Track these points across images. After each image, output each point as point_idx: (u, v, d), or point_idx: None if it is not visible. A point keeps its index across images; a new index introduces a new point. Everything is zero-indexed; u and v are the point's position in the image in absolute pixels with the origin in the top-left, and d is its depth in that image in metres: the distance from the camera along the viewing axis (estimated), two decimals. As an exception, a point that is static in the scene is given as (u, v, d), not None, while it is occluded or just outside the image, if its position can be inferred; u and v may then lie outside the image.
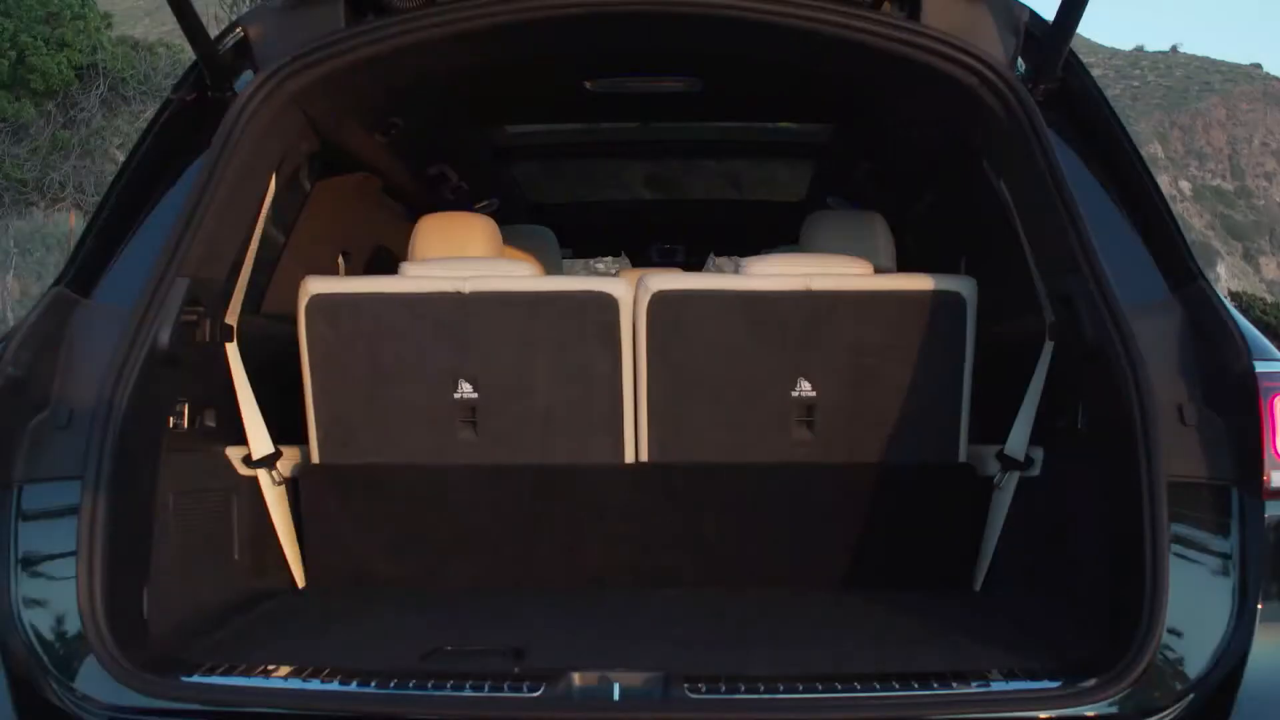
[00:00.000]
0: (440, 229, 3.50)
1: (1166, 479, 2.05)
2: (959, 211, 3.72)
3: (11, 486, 2.18)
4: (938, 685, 1.99)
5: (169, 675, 2.06)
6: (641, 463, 2.96)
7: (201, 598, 2.53)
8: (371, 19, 2.64)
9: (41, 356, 2.26)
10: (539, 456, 2.93)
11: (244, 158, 2.56)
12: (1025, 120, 2.46)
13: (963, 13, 2.59)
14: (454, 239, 3.47)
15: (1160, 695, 2.02)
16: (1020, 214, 2.62)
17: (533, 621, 2.52)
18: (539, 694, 1.97)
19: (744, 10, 2.56)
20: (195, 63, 2.62)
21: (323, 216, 3.60)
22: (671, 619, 2.53)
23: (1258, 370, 2.12)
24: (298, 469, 2.98)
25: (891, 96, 3.22)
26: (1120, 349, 2.16)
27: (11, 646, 2.11)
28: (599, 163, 5.03)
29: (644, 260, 6.06)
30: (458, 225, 3.56)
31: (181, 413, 2.57)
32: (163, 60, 19.20)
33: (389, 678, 2.03)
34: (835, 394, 2.90)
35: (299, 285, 2.94)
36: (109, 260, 2.47)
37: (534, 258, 4.35)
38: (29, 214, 19.79)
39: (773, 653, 2.25)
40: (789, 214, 5.35)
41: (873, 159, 4.13)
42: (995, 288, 3.38)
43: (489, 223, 3.62)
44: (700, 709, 1.96)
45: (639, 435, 2.93)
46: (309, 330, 2.92)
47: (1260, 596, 2.06)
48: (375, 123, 3.43)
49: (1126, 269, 2.30)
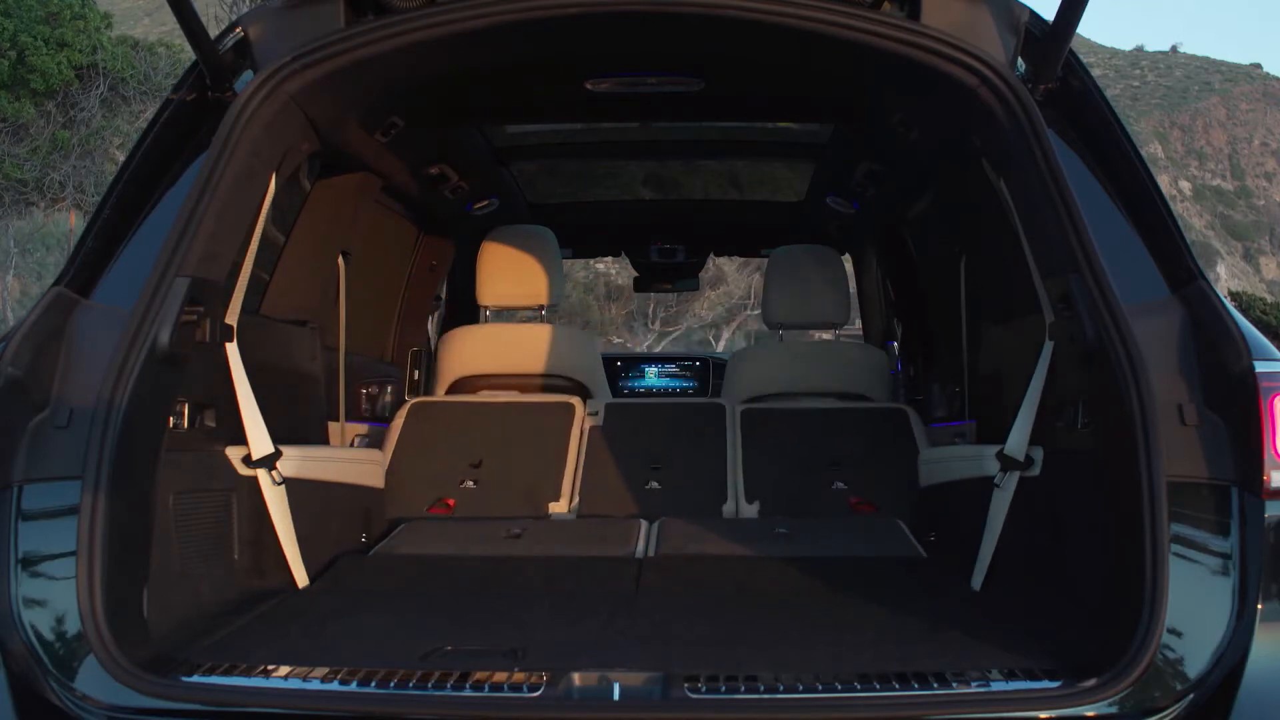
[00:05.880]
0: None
1: (1166, 479, 2.04)
2: (959, 211, 3.72)
3: (11, 486, 2.18)
4: (938, 685, 1.99)
5: (169, 675, 2.06)
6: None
7: (201, 598, 2.52)
8: (371, 19, 2.64)
9: (41, 356, 2.26)
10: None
11: (244, 158, 2.56)
12: (1025, 120, 2.46)
13: (963, 13, 2.59)
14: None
15: (1160, 695, 2.02)
16: (1020, 214, 2.62)
17: (533, 621, 2.52)
18: (539, 694, 1.97)
19: (744, 10, 2.56)
20: (195, 63, 2.62)
21: (323, 216, 3.60)
22: (672, 619, 2.53)
23: (1258, 370, 2.11)
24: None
25: (891, 96, 3.22)
26: (1120, 349, 2.16)
27: (11, 646, 2.11)
28: (599, 163, 5.03)
29: (644, 260, 6.06)
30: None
31: (181, 413, 2.57)
32: (163, 60, 19.17)
33: (389, 678, 2.03)
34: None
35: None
36: (109, 260, 2.47)
37: (534, 258, 4.36)
38: (29, 214, 19.80)
39: (773, 653, 2.25)
40: (789, 214, 5.36)
41: (873, 159, 4.13)
42: (995, 288, 3.38)
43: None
44: (700, 709, 1.96)
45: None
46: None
47: (1260, 596, 2.06)
48: (375, 123, 3.43)
49: (1126, 269, 2.30)
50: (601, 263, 27.35)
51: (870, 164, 4.17)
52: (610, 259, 6.70)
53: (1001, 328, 3.26)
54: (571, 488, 3.84)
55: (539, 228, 4.52)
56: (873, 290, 5.56)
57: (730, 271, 27.88)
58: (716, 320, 29.79)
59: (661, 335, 29.17)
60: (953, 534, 3.19)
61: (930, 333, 4.50)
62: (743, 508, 3.76)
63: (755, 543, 3.30)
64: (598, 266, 28.76)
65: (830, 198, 4.82)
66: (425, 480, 3.85)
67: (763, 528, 3.51)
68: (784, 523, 3.51)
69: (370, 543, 3.41)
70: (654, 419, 4.25)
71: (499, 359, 4.37)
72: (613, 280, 28.80)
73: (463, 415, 4.12)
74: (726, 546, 3.26)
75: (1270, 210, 74.62)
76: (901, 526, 3.51)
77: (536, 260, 4.35)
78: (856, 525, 3.60)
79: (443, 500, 3.79)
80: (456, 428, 4.03)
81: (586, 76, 3.34)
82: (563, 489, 3.82)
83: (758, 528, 3.54)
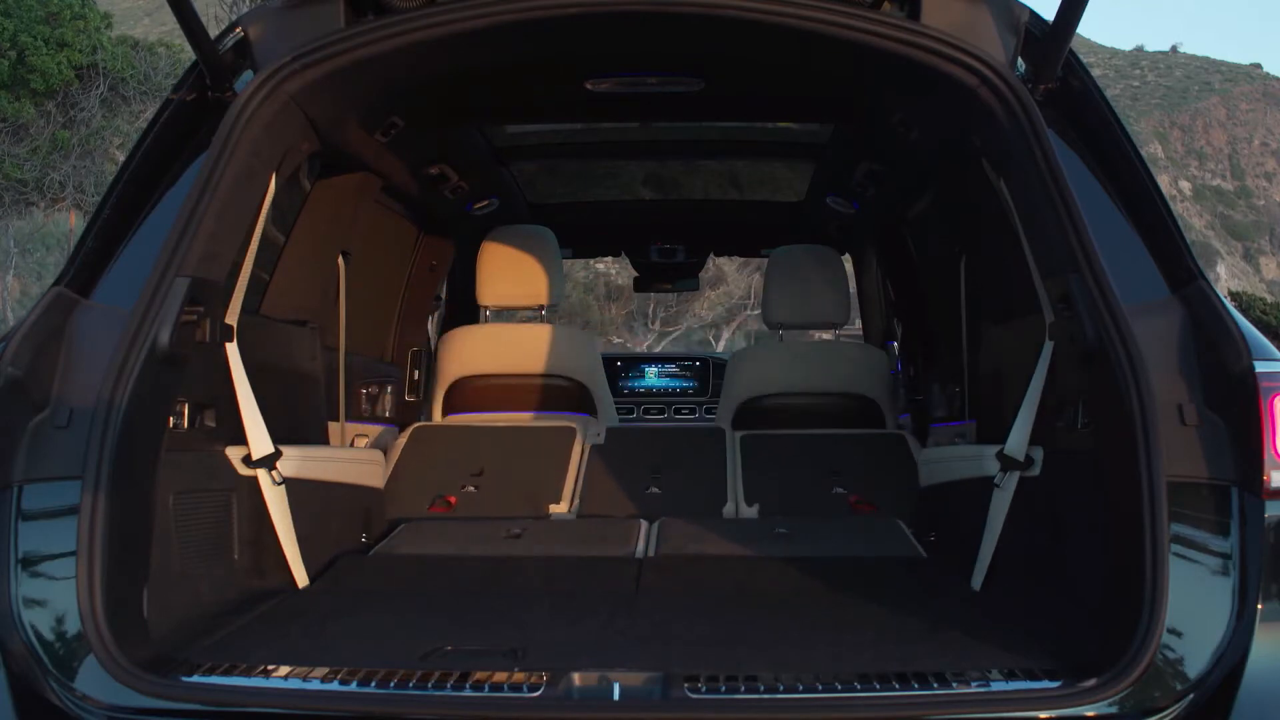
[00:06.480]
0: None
1: (1166, 479, 2.04)
2: (959, 211, 3.72)
3: (11, 486, 2.18)
4: (938, 685, 1.99)
5: (169, 675, 2.06)
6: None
7: (201, 598, 2.52)
8: (371, 19, 2.63)
9: (41, 356, 2.26)
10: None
11: (244, 158, 2.56)
12: (1025, 120, 2.46)
13: (963, 13, 2.59)
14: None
15: (1160, 695, 2.01)
16: (1020, 214, 2.61)
17: (533, 621, 2.52)
18: (539, 694, 1.97)
19: (744, 10, 2.56)
20: (195, 63, 2.62)
21: (323, 216, 3.60)
22: (672, 619, 2.53)
23: (1258, 370, 2.11)
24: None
25: (891, 96, 3.22)
26: (1120, 349, 2.16)
27: (11, 646, 2.11)
28: (599, 163, 5.03)
29: (644, 260, 6.07)
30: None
31: (181, 413, 2.57)
32: (163, 60, 19.17)
33: (389, 678, 2.03)
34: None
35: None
36: (109, 260, 2.47)
37: (534, 258, 4.35)
38: (29, 214, 19.79)
39: (773, 653, 2.25)
40: (789, 214, 5.36)
41: (873, 159, 4.13)
42: (995, 288, 3.38)
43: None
44: (700, 709, 1.96)
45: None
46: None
47: (1260, 596, 2.06)
48: (375, 123, 3.43)
49: (1126, 269, 2.30)
50: (601, 263, 27.35)
51: (870, 164, 4.17)
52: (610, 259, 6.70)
53: (1001, 328, 3.26)
54: (572, 492, 3.85)
55: (539, 228, 4.52)
56: (873, 290, 5.56)
57: (730, 271, 27.89)
58: (716, 320, 29.80)
59: (661, 335, 29.17)
60: (953, 534, 3.19)
61: (930, 333, 4.50)
62: (742, 509, 3.76)
63: (755, 543, 3.30)
64: (598, 266, 28.77)
65: (830, 198, 4.82)
66: (426, 486, 3.86)
67: (763, 528, 3.51)
68: (784, 523, 3.51)
69: (370, 543, 3.41)
70: (653, 443, 4.28)
71: (499, 359, 4.38)
72: (613, 280, 28.80)
73: (465, 438, 4.13)
74: (726, 546, 3.26)
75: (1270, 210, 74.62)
76: (901, 526, 3.51)
77: (536, 260, 4.35)
78: (856, 525, 3.61)
79: (444, 498, 3.80)
80: (458, 450, 4.03)
81: (586, 76, 3.34)
82: (564, 493, 3.82)
83: (758, 528, 3.55)
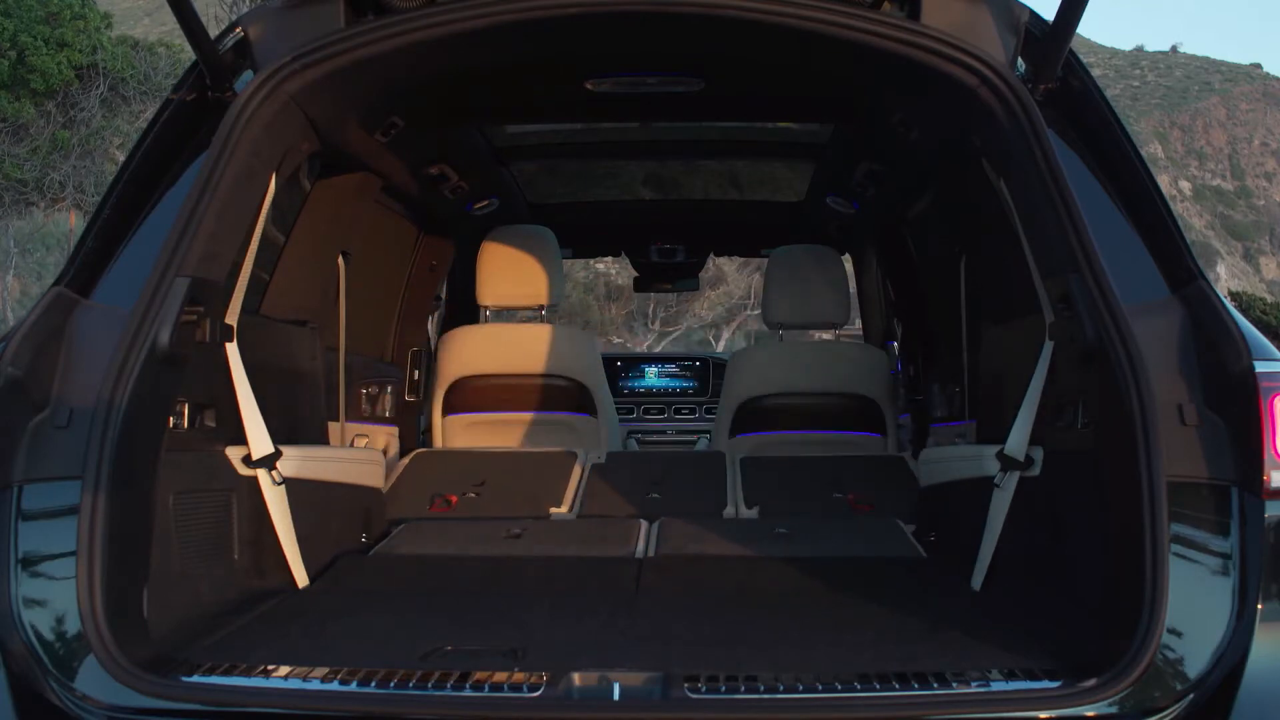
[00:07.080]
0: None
1: (1166, 479, 2.04)
2: (959, 211, 3.72)
3: (11, 486, 2.18)
4: (938, 685, 1.99)
5: (169, 675, 2.06)
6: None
7: (201, 598, 2.52)
8: (371, 19, 2.63)
9: (41, 356, 2.26)
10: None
11: (244, 158, 2.56)
12: (1025, 120, 2.46)
13: (963, 13, 2.59)
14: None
15: (1160, 695, 2.02)
16: (1020, 214, 2.61)
17: (533, 621, 2.52)
18: (539, 694, 1.97)
19: (744, 10, 2.56)
20: (195, 63, 2.62)
21: (323, 216, 3.60)
22: (672, 619, 2.53)
23: (1258, 370, 2.11)
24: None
25: (891, 96, 3.22)
26: (1120, 349, 2.16)
27: (11, 646, 2.11)
28: (599, 163, 5.03)
29: (644, 260, 6.07)
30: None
31: (181, 413, 2.57)
32: (163, 60, 19.17)
33: (389, 678, 2.03)
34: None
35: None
36: (109, 260, 2.47)
37: (534, 258, 4.35)
38: (29, 214, 19.79)
39: (773, 653, 2.25)
40: (789, 214, 5.36)
41: (873, 159, 4.13)
42: (995, 288, 3.38)
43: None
44: (700, 709, 1.96)
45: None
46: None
47: (1260, 596, 2.06)
48: (375, 123, 3.43)
49: (1126, 269, 2.30)
50: (601, 263, 27.35)
51: (870, 164, 4.17)
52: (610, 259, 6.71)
53: (1001, 328, 3.26)
54: (573, 497, 3.85)
55: (539, 228, 4.52)
56: (873, 290, 5.56)
57: (730, 271, 27.88)
58: (716, 320, 29.79)
59: (661, 335, 29.16)
60: (953, 534, 3.18)
61: (930, 333, 4.50)
62: (742, 512, 3.76)
63: (755, 543, 3.30)
64: (598, 266, 28.76)
65: (830, 198, 4.82)
66: (427, 491, 3.86)
67: (763, 528, 3.51)
68: (784, 523, 3.51)
69: (370, 543, 3.41)
70: (653, 463, 4.29)
71: (499, 359, 4.38)
72: (613, 280, 28.80)
73: (466, 461, 4.13)
74: (726, 546, 3.26)
75: (1270, 210, 74.60)
76: (901, 526, 3.51)
77: (536, 260, 4.35)
78: (856, 525, 3.61)
79: (444, 498, 3.80)
80: (459, 471, 4.04)
81: (586, 76, 3.34)
82: (565, 497, 3.82)
83: (758, 528, 3.55)
